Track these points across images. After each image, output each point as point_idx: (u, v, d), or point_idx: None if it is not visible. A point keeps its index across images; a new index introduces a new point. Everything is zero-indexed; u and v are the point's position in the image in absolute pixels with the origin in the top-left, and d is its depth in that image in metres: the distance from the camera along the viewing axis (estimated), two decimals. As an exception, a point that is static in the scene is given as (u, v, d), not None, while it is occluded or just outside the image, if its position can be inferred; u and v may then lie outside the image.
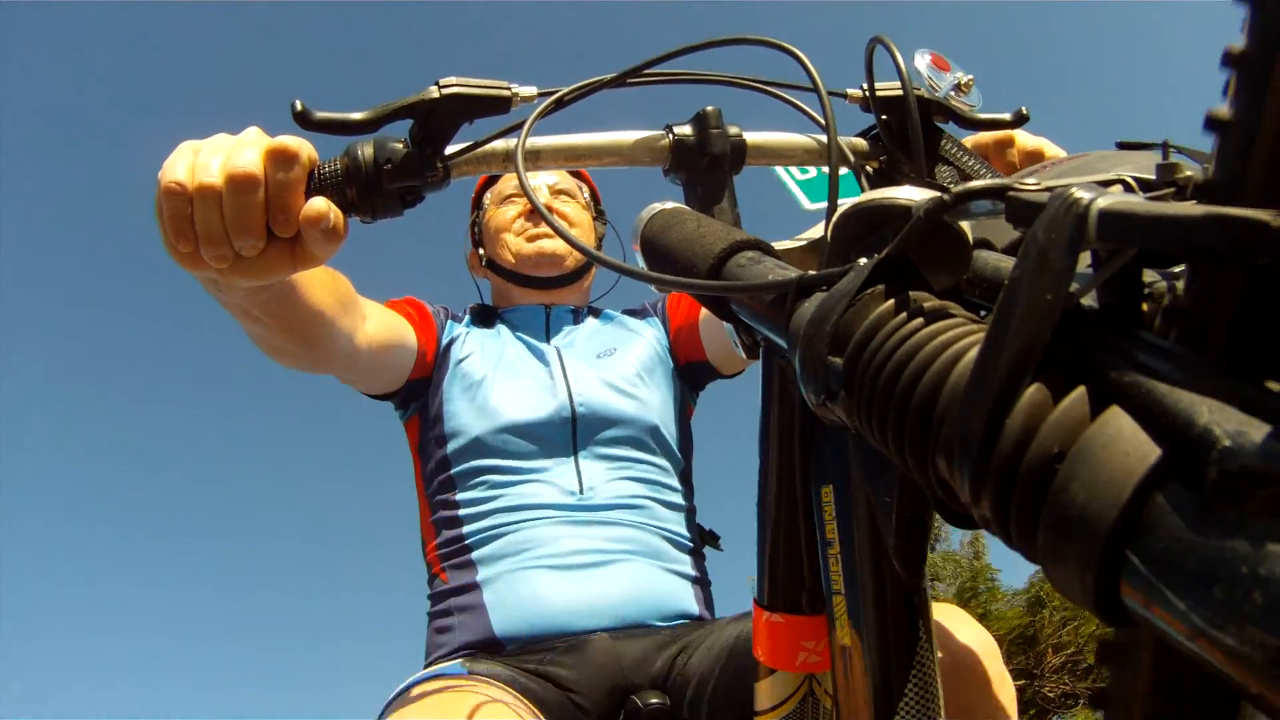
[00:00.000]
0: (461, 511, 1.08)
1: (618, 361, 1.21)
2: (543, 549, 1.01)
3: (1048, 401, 0.23)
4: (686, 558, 1.10)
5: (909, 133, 0.66)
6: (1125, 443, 0.20)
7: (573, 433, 1.11)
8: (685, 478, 1.20)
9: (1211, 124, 0.21)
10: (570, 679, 0.93)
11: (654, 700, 0.91)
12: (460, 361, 1.18)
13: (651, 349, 1.25)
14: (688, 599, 1.05)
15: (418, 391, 1.18)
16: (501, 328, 1.27)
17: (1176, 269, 0.23)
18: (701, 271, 0.46)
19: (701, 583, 1.10)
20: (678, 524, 1.11)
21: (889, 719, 0.40)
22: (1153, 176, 0.28)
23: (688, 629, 1.01)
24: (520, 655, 0.96)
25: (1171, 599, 0.18)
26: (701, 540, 1.16)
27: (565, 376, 1.16)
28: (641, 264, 0.55)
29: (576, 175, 1.39)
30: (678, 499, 1.14)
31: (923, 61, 0.72)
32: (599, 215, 1.40)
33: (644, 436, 1.14)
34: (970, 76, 0.74)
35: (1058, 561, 0.21)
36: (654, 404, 1.18)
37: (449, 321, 1.25)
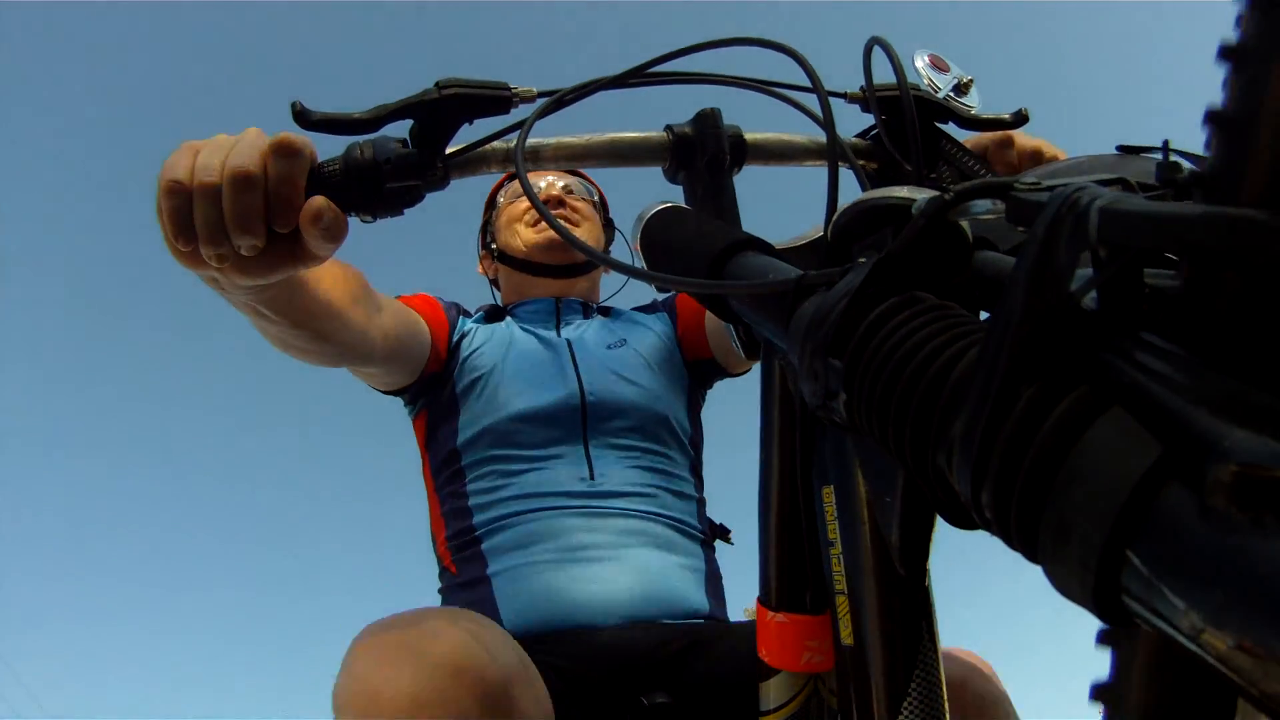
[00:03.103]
0: (471, 501, 1.08)
1: (628, 352, 1.21)
2: (552, 542, 1.01)
3: (1048, 401, 0.23)
4: (697, 549, 1.09)
5: (908, 133, 0.66)
6: (1125, 443, 0.20)
7: (583, 420, 1.11)
8: (695, 470, 1.20)
9: (1210, 118, 0.21)
10: (577, 671, 0.91)
11: (660, 699, 0.91)
12: (470, 355, 1.18)
13: (661, 343, 1.26)
14: (698, 594, 1.04)
15: (430, 386, 1.18)
16: (511, 322, 1.27)
17: (1176, 268, 0.23)
18: (701, 271, 0.46)
19: (712, 576, 1.09)
20: (688, 514, 1.11)
21: (893, 719, 0.40)
22: (1153, 180, 0.28)
23: (700, 627, 1.00)
24: (529, 648, 0.95)
25: (1171, 599, 0.18)
26: (712, 533, 1.15)
27: (575, 365, 1.16)
28: (641, 263, 0.55)
29: (586, 180, 1.41)
30: (688, 490, 1.14)
31: (922, 62, 0.72)
32: (607, 223, 1.40)
33: (654, 427, 1.14)
34: (970, 77, 0.74)
35: (1058, 561, 0.21)
36: (664, 395, 1.18)
37: (460, 317, 1.25)
